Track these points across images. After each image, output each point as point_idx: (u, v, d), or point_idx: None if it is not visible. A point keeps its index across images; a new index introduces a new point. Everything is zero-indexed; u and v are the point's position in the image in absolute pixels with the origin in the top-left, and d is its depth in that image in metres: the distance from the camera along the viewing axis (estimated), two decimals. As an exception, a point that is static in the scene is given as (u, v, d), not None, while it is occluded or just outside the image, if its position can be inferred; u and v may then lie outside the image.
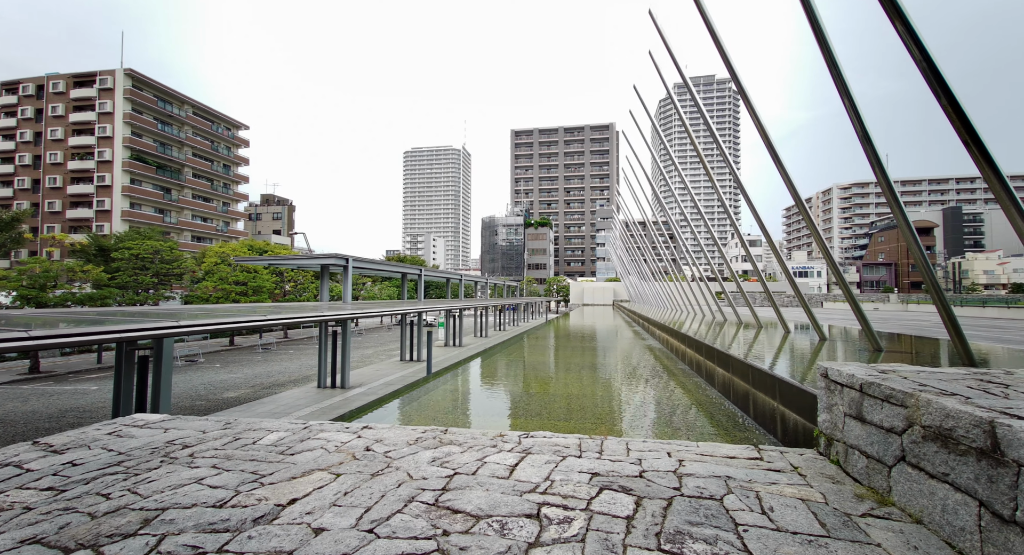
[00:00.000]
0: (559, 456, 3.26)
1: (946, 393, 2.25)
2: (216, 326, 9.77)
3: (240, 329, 15.98)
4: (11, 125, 56.15)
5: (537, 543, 2.06)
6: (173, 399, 15.82)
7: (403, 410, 12.44)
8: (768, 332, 14.10)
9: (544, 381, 16.10)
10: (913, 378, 2.68)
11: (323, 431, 3.96)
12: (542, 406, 11.48)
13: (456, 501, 2.54)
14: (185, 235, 63.69)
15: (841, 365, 3.04)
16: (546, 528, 2.20)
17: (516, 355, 23.93)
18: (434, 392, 14.69)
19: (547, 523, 2.27)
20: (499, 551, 1.97)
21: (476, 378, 17.59)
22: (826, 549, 1.95)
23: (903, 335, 12.18)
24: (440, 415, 11.19)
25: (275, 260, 17.06)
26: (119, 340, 7.84)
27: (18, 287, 19.30)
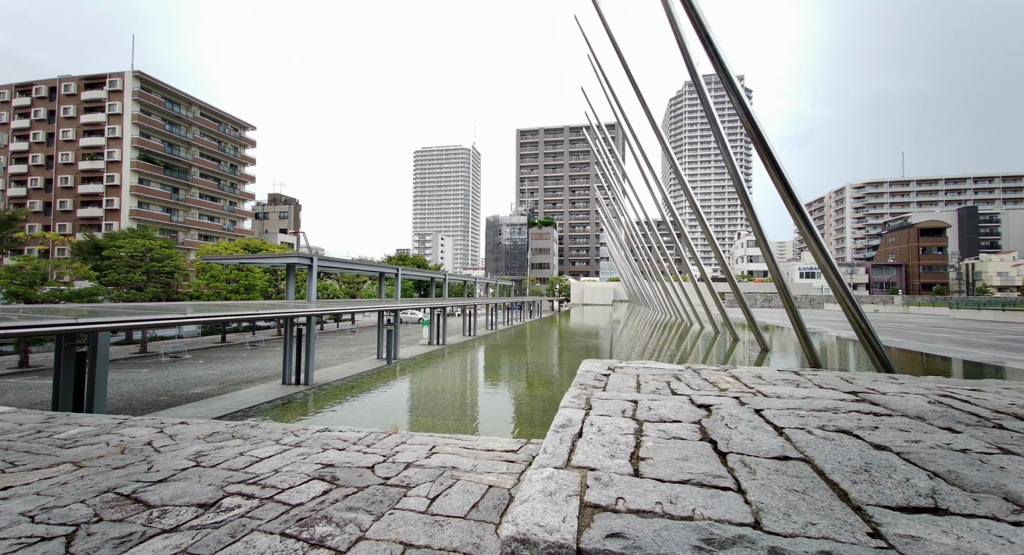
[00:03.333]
0: (324, 449, 3.42)
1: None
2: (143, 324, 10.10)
3: (172, 325, 16.27)
4: (25, 126, 57.96)
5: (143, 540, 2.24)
6: (141, 394, 16.28)
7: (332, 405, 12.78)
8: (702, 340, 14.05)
9: (473, 384, 16.41)
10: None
11: (131, 426, 4.18)
12: (446, 407, 11.77)
13: (146, 493, 2.72)
14: (192, 234, 65.05)
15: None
16: (218, 514, 2.39)
17: (473, 357, 24.10)
18: (375, 393, 15.08)
19: (221, 509, 2.45)
20: (121, 535, 2.17)
21: (419, 381, 18.04)
22: None
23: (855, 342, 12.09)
24: (367, 414, 11.50)
25: (242, 259, 17.49)
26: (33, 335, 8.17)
27: (7, 284, 20.02)
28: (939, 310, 37.11)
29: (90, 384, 9.93)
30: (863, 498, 1.28)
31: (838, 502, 1.25)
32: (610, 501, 1.24)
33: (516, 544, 1.06)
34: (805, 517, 1.17)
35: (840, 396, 2.46)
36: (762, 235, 8.29)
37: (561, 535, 1.07)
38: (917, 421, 1.97)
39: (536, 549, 1.05)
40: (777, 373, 3.20)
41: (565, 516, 1.15)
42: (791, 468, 1.48)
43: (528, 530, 1.08)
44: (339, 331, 43.21)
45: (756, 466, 1.50)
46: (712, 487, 1.35)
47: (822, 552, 1.01)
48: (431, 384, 17.20)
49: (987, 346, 14.45)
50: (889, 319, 31.54)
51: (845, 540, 1.07)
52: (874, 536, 1.10)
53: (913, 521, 1.16)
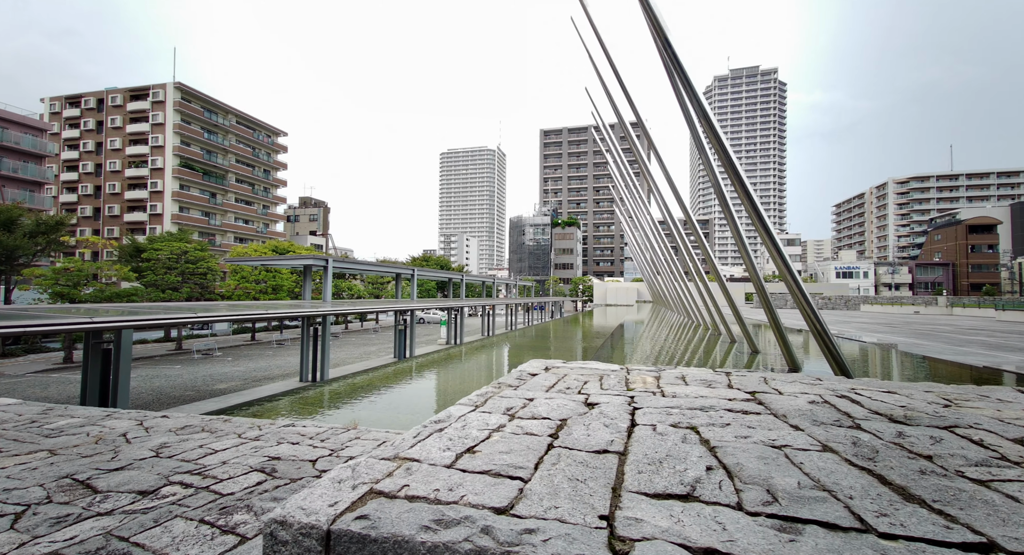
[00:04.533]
0: (279, 443, 3.63)
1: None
2: (168, 322, 10.69)
3: (184, 323, 17.11)
4: (75, 136, 61.88)
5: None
6: (170, 389, 17.21)
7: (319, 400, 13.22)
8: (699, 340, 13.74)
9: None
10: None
11: (115, 419, 4.52)
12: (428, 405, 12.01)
13: (98, 479, 2.98)
14: (228, 236, 67.96)
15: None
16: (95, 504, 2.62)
17: (480, 356, 24.27)
18: (372, 389, 15.51)
19: (157, 496, 2.69)
20: (60, 515, 2.42)
21: (419, 378, 18.48)
22: None
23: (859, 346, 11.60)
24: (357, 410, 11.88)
25: (261, 261, 18.26)
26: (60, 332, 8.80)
27: (52, 285, 21.49)
28: (984, 312, 34.96)
29: (114, 379, 10.60)
30: (631, 485, 1.35)
31: (604, 489, 1.33)
32: (395, 489, 1.35)
33: (275, 525, 1.18)
34: (556, 502, 1.25)
35: (737, 396, 2.47)
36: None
37: (316, 517, 1.18)
38: (776, 419, 1.98)
39: (290, 530, 1.17)
40: (705, 373, 3.21)
41: (336, 501, 1.27)
42: (597, 460, 1.55)
43: (289, 513, 1.20)
44: (363, 330, 44.30)
45: (567, 458, 1.58)
46: (504, 477, 1.44)
47: (527, 531, 1.09)
48: (430, 382, 17.63)
49: (1019, 349, 13.56)
50: (928, 321, 29.95)
51: (572, 521, 1.15)
52: (604, 518, 1.17)
53: (652, 506, 1.23)
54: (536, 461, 1.56)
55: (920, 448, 1.62)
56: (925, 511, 1.21)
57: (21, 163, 47.35)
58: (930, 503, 1.25)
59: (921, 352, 12.43)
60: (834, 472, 1.44)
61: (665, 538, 1.09)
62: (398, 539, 1.08)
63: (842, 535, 1.11)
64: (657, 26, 4.58)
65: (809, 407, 2.20)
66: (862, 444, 1.66)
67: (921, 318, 34.15)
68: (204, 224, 64.09)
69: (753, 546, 1.06)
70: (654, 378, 3.07)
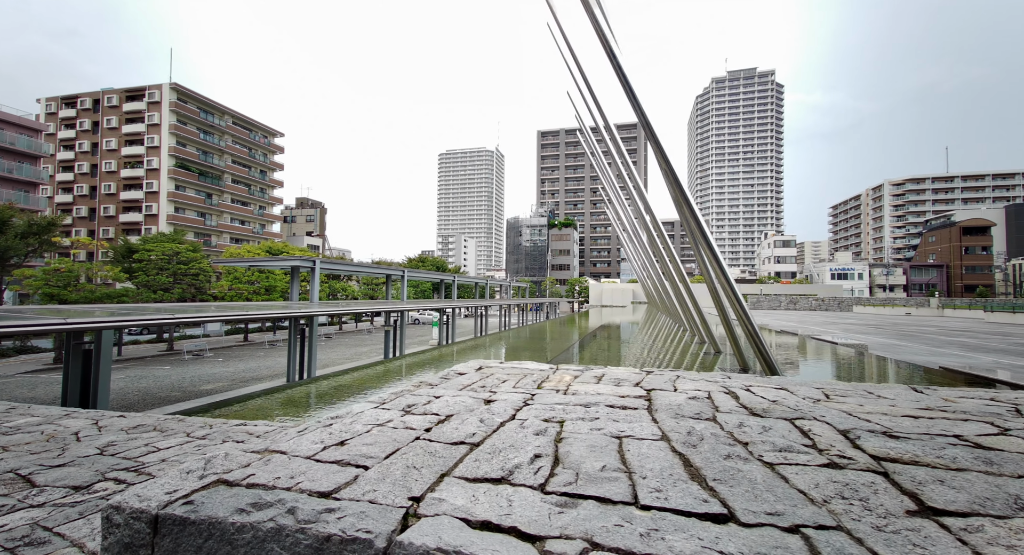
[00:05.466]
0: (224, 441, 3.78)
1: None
2: (146, 322, 10.82)
3: (164, 324, 17.33)
4: (71, 136, 61.95)
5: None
6: (156, 390, 17.31)
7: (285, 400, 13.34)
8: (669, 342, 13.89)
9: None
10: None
11: (72, 418, 4.66)
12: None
13: (39, 474, 3.13)
14: (224, 237, 67.99)
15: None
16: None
17: (467, 356, 24.38)
18: (347, 388, 15.62)
19: (90, 491, 2.83)
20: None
21: (398, 377, 18.62)
22: None
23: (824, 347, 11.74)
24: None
25: (250, 262, 18.37)
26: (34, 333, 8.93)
27: (42, 286, 21.57)
28: (974, 313, 35.18)
29: (95, 380, 10.71)
30: (458, 472, 1.50)
31: (432, 475, 1.48)
32: (241, 478, 1.49)
33: (111, 510, 1.33)
34: (378, 487, 1.40)
35: (633, 393, 2.62)
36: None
37: (148, 503, 1.33)
38: (646, 413, 2.14)
39: (123, 514, 1.31)
40: (624, 373, 3.35)
41: (176, 489, 1.41)
42: (448, 450, 1.70)
43: (125, 499, 1.35)
44: (357, 331, 44.42)
45: (421, 449, 1.72)
46: (352, 465, 1.59)
47: (328, 510, 1.24)
48: (412, 382, 17.69)
49: (995, 351, 13.73)
50: (916, 323, 30.14)
51: (382, 502, 1.30)
52: (413, 499, 1.32)
53: (463, 489, 1.38)
54: (391, 452, 1.70)
55: (746, 437, 1.77)
56: (697, 487, 1.36)
57: (16, 164, 47.41)
58: (709, 481, 1.40)
59: (896, 354, 12.59)
60: (649, 457, 1.59)
61: (453, 514, 1.24)
62: (212, 520, 1.23)
63: (608, 507, 1.26)
64: (603, 39, 4.74)
65: (685, 402, 2.35)
66: (695, 434, 1.81)
67: (911, 320, 34.35)
68: (200, 225, 64.15)
69: (524, 517, 1.21)
70: (572, 377, 3.21)
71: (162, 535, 1.27)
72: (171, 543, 1.27)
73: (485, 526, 1.19)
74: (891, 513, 1.19)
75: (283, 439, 1.87)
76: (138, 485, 1.43)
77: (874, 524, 1.14)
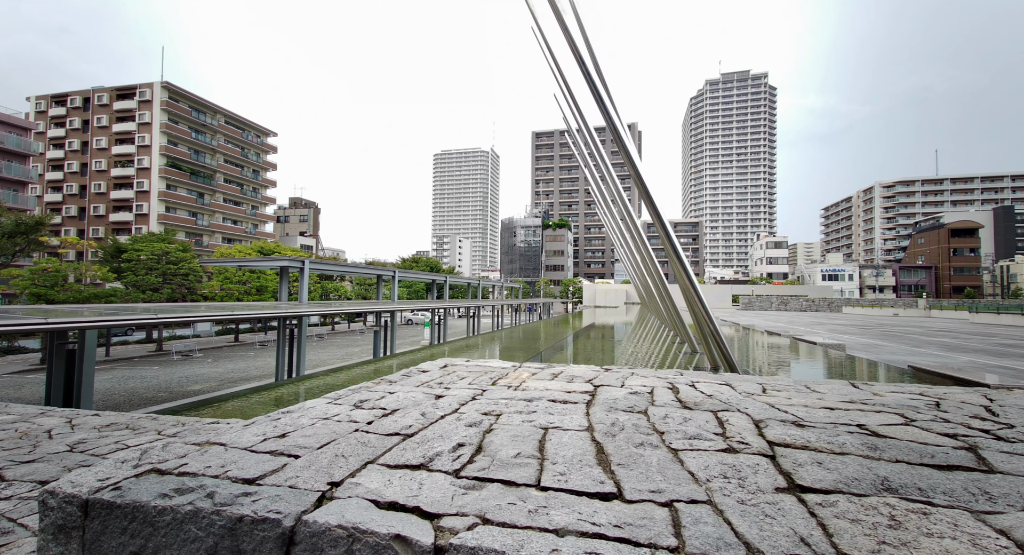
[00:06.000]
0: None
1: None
2: (128, 323, 10.82)
3: (158, 325, 17.29)
4: (60, 135, 61.42)
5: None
6: (143, 390, 17.24)
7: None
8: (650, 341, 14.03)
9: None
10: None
11: (47, 416, 4.71)
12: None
13: (8, 470, 3.19)
14: (216, 237, 67.62)
15: None
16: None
17: (454, 355, 24.43)
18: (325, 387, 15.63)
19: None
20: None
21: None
22: None
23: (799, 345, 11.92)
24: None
25: (239, 262, 18.36)
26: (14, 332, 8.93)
27: (29, 286, 21.42)
28: (959, 314, 35.67)
29: (78, 380, 10.70)
30: (383, 459, 1.60)
31: (357, 462, 1.57)
32: (174, 467, 1.58)
33: (46, 494, 1.41)
34: (301, 473, 1.50)
35: (580, 389, 2.72)
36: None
37: (80, 489, 1.42)
38: (583, 407, 2.24)
39: (56, 498, 1.40)
40: (583, 370, 3.46)
41: (109, 477, 1.50)
42: (381, 440, 1.80)
43: (59, 484, 1.43)
44: (350, 332, 44.34)
45: (356, 439, 1.82)
46: (284, 455, 1.68)
47: (244, 493, 1.34)
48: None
49: (974, 350, 13.99)
50: (902, 323, 30.52)
51: (301, 486, 1.40)
52: (332, 484, 1.41)
53: (382, 474, 1.48)
54: (327, 442, 1.79)
55: (664, 427, 1.88)
56: (600, 471, 1.46)
57: (5, 162, 46.97)
58: (613, 466, 1.50)
59: (875, 354, 12.80)
60: (566, 445, 1.69)
61: (364, 496, 1.34)
62: (136, 504, 1.32)
63: (510, 489, 1.36)
64: (572, 44, 4.85)
65: (625, 396, 2.46)
66: (618, 425, 1.92)
67: (898, 320, 34.77)
68: (191, 224, 63.74)
69: (429, 498, 1.31)
70: (530, 374, 3.32)
71: (91, 518, 1.36)
72: (99, 525, 1.36)
73: (392, 506, 1.29)
74: (760, 490, 1.30)
75: (227, 432, 1.95)
76: (72, 472, 1.52)
77: (740, 499, 1.25)
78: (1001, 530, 1.06)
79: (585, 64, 4.80)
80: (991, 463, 1.44)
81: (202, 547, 1.27)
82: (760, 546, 1.04)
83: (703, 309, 4.73)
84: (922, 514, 1.13)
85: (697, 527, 1.12)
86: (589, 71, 4.78)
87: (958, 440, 1.65)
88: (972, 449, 1.56)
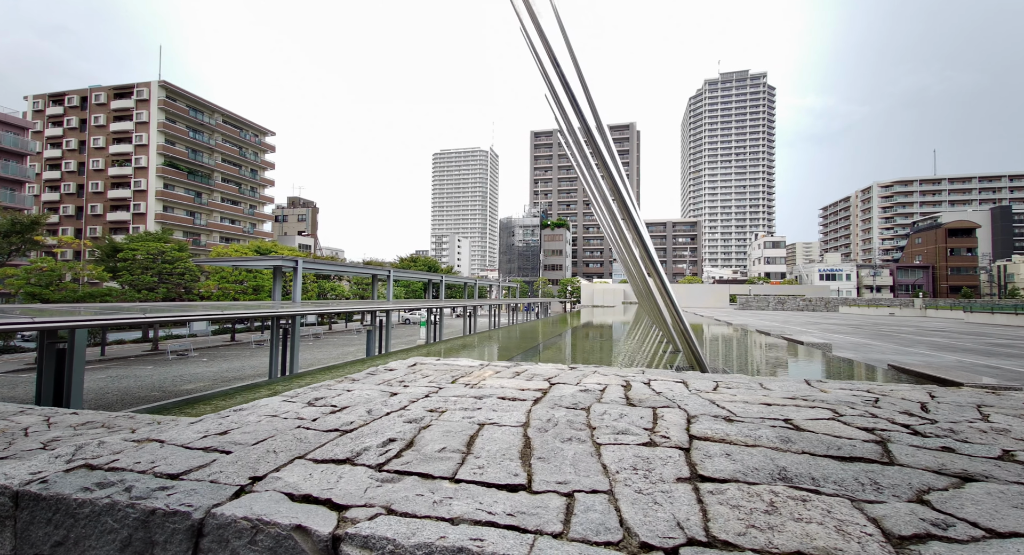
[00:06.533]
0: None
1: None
2: (117, 322, 10.85)
3: (149, 324, 17.33)
4: (58, 134, 61.36)
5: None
6: (136, 390, 17.28)
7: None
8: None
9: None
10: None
11: (26, 414, 4.74)
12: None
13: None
14: (214, 236, 67.59)
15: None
16: None
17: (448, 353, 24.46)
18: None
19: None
20: None
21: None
22: None
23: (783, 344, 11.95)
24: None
25: (232, 262, 18.37)
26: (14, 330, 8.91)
27: (24, 285, 21.44)
28: (954, 314, 35.75)
29: (68, 379, 10.74)
30: (313, 454, 1.65)
31: (286, 457, 1.61)
32: (105, 463, 1.63)
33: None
34: (226, 469, 1.55)
35: (533, 387, 2.77)
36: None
37: (11, 481, 1.47)
38: (527, 404, 2.28)
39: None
40: (547, 369, 3.50)
41: (40, 470, 1.55)
42: (318, 436, 1.85)
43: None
44: (347, 331, 44.37)
45: (292, 436, 1.86)
46: (218, 451, 1.72)
47: (162, 488, 1.38)
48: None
49: (963, 350, 14.03)
50: (896, 323, 30.58)
51: (222, 481, 1.44)
52: (253, 479, 1.45)
53: (305, 469, 1.53)
54: (264, 439, 1.83)
55: (599, 423, 1.93)
56: (517, 464, 1.51)
57: (2, 161, 46.90)
58: (533, 459, 1.55)
59: (864, 353, 12.86)
60: (496, 440, 1.74)
61: (281, 489, 1.38)
62: (59, 497, 1.37)
63: (425, 481, 1.41)
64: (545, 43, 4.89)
65: (573, 394, 2.50)
66: (554, 420, 1.96)
67: (893, 320, 34.84)
68: (189, 224, 63.70)
69: (342, 491, 1.35)
70: (493, 373, 3.36)
71: (21, 509, 1.41)
72: (28, 516, 1.41)
73: (305, 499, 1.33)
74: (663, 480, 1.34)
75: (170, 429, 2.00)
76: (7, 465, 1.56)
77: (639, 488, 1.29)
78: (873, 518, 1.10)
79: (559, 64, 4.84)
80: (894, 456, 1.48)
81: (117, 538, 1.32)
82: (638, 530, 1.08)
83: (673, 308, 4.77)
84: (802, 501, 1.18)
85: (586, 514, 1.17)
86: (564, 72, 4.82)
87: (874, 434, 1.70)
88: (883, 442, 1.60)
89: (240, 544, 1.20)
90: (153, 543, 1.28)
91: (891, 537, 1.01)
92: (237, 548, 1.20)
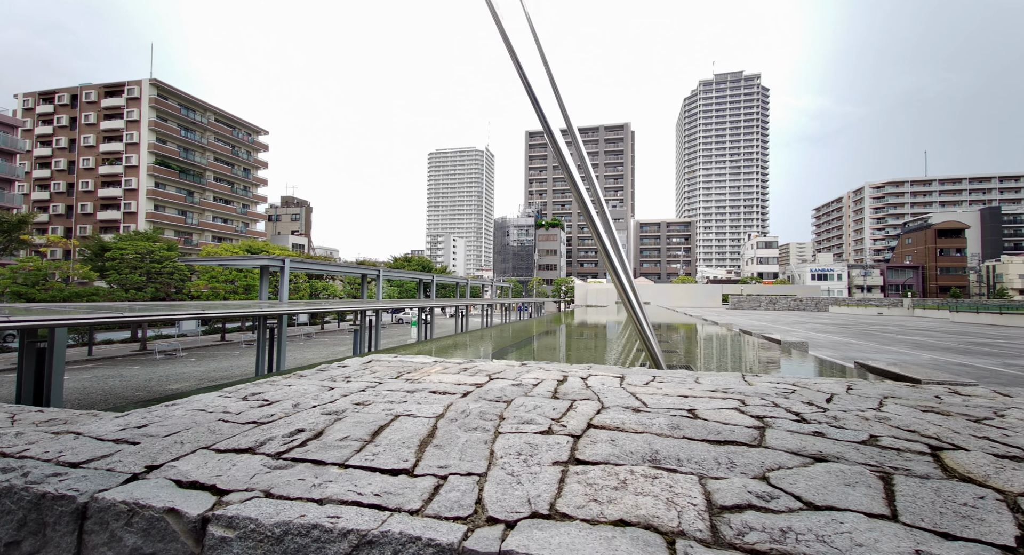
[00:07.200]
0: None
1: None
2: (97, 321, 10.82)
3: (129, 323, 17.27)
4: (48, 132, 60.87)
5: None
6: (121, 389, 17.19)
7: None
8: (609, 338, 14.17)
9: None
10: None
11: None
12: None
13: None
14: (206, 236, 67.25)
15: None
16: None
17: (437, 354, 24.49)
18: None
19: None
20: None
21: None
22: None
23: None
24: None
25: (219, 261, 18.34)
26: None
27: (10, 284, 21.29)
28: (940, 313, 36.15)
29: (47, 378, 10.70)
30: (221, 445, 1.70)
31: (192, 447, 1.66)
32: (15, 451, 1.68)
33: None
34: (128, 458, 1.59)
35: (474, 381, 2.83)
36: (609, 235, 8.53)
37: None
38: (450, 397, 2.34)
39: None
40: (498, 366, 3.56)
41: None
42: (237, 428, 1.90)
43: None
44: (339, 331, 44.26)
45: (206, 427, 1.91)
46: (126, 442, 1.77)
47: (56, 474, 1.42)
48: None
49: (941, 349, 14.22)
50: (883, 322, 30.89)
51: (120, 469, 1.48)
52: (149, 468, 1.50)
53: (204, 458, 1.58)
54: (177, 431, 1.88)
55: (510, 413, 1.99)
56: (411, 451, 1.57)
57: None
58: (430, 446, 1.61)
59: (843, 351, 13.01)
60: (402, 430, 1.80)
61: (172, 477, 1.43)
62: (-38, 479, 1.41)
63: (315, 467, 1.46)
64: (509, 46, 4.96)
65: (503, 388, 2.56)
66: (466, 412, 2.02)
67: (880, 319, 35.18)
68: (180, 223, 63.35)
69: (231, 477, 1.41)
70: (441, 369, 3.41)
71: (-78, 495, 1.46)
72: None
73: (192, 485, 1.39)
74: (539, 464, 1.40)
75: (91, 421, 2.04)
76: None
77: (512, 471, 1.35)
78: (708, 492, 1.17)
79: (521, 64, 4.90)
80: (766, 439, 1.56)
81: (15, 518, 1.38)
82: (491, 506, 1.14)
83: (631, 306, 4.85)
84: (652, 478, 1.25)
85: (448, 494, 1.23)
86: (525, 71, 4.89)
87: (761, 421, 1.77)
88: (763, 428, 1.67)
89: (118, 526, 1.26)
90: (44, 524, 1.35)
91: (713, 507, 1.07)
92: (115, 529, 1.26)
